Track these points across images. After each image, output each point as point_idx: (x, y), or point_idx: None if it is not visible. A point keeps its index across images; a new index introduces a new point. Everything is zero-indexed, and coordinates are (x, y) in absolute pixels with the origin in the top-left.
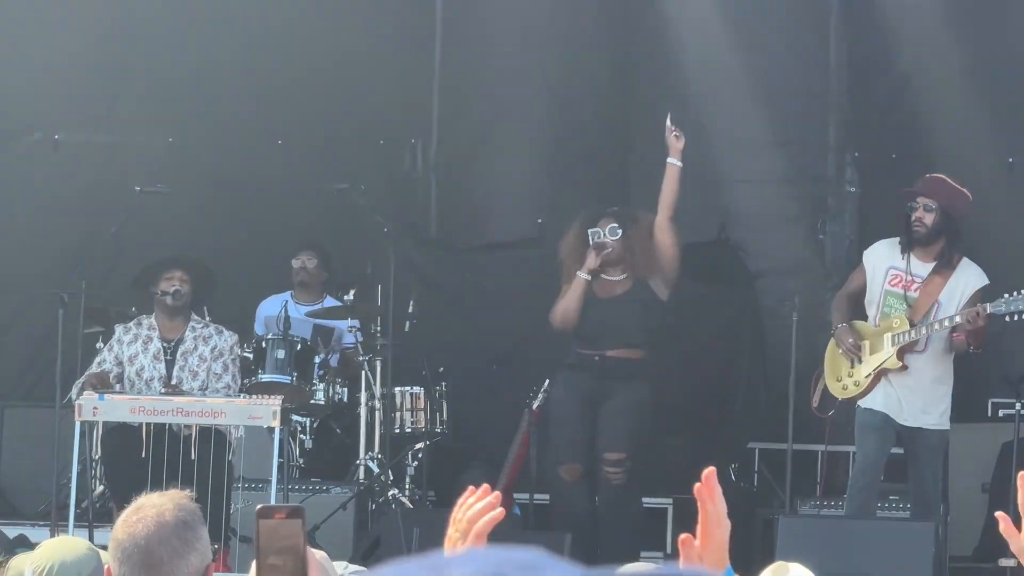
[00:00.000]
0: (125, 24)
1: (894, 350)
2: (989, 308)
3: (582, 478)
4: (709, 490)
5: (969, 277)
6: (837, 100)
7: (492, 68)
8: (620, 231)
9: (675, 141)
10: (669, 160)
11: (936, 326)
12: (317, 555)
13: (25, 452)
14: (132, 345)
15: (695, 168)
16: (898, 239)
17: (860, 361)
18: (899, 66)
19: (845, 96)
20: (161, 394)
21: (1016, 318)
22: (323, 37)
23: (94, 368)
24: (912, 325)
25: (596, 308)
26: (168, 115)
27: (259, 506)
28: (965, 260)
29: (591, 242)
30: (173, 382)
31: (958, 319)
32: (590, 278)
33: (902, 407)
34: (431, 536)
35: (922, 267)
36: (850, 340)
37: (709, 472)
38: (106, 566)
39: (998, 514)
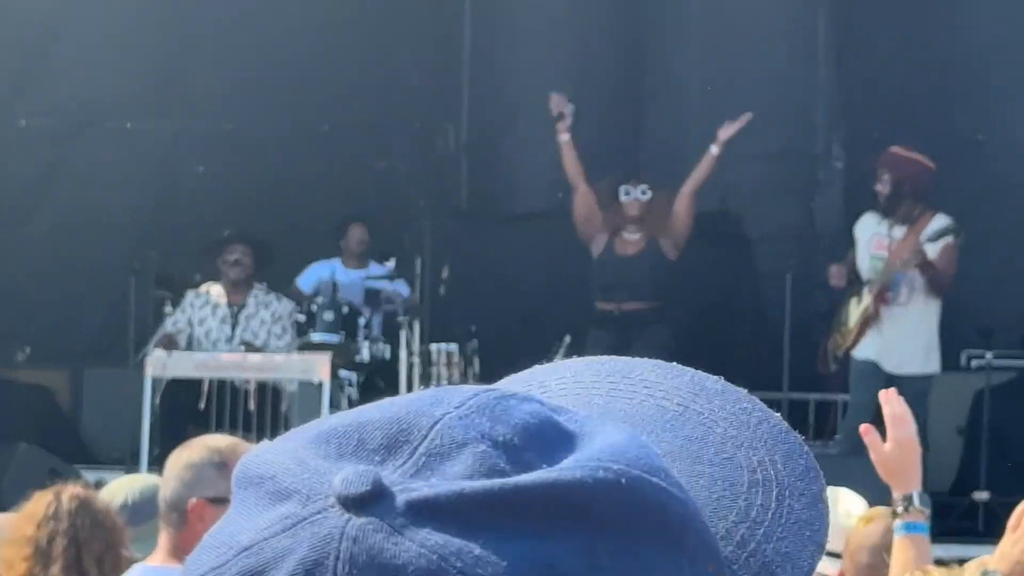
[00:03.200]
0: (186, 22)
1: (871, 297)
2: (922, 236)
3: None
4: (888, 395)
5: (933, 225)
6: (825, 83)
7: (516, 56)
8: (650, 193)
9: (723, 132)
10: (712, 146)
11: (898, 265)
12: None
13: (103, 408)
14: (202, 309)
15: (699, 145)
16: (878, 209)
17: (852, 313)
18: (883, 49)
19: (832, 79)
20: (240, 349)
21: (944, 237)
22: (363, 30)
23: (169, 327)
24: (887, 271)
25: (613, 264)
26: (227, 103)
27: None
28: (938, 215)
29: (620, 198)
30: (236, 342)
31: (906, 255)
32: (568, 138)
33: (889, 356)
34: None
35: (899, 230)
36: (852, 298)
37: (891, 390)
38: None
39: (863, 427)
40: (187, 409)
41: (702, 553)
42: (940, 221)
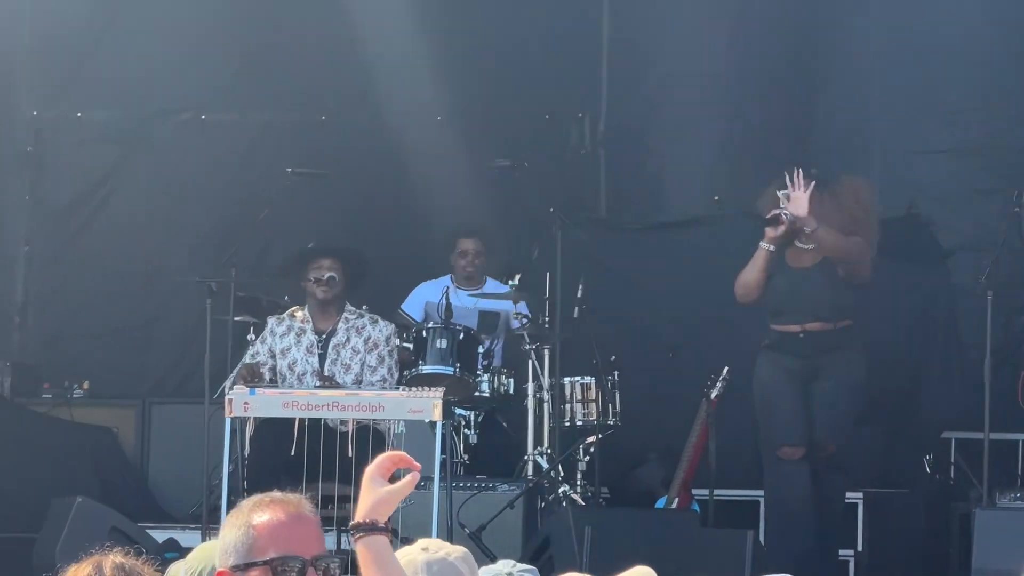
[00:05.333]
0: (273, 1)
1: None
2: None
3: (803, 460)
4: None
5: None
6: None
7: (663, 37)
8: (821, 192)
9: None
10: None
11: None
12: (456, 552)
13: (174, 451)
14: (285, 337)
15: (882, 139)
16: None
17: None
18: None
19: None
20: (315, 387)
21: None
22: (482, 8)
23: (247, 359)
24: None
25: (787, 278)
26: (320, 91)
27: None
28: None
29: (780, 205)
30: (326, 374)
31: None
32: (772, 248)
33: None
34: (603, 535)
35: None
36: None
37: None
38: None
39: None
40: (275, 456)
41: None
42: None
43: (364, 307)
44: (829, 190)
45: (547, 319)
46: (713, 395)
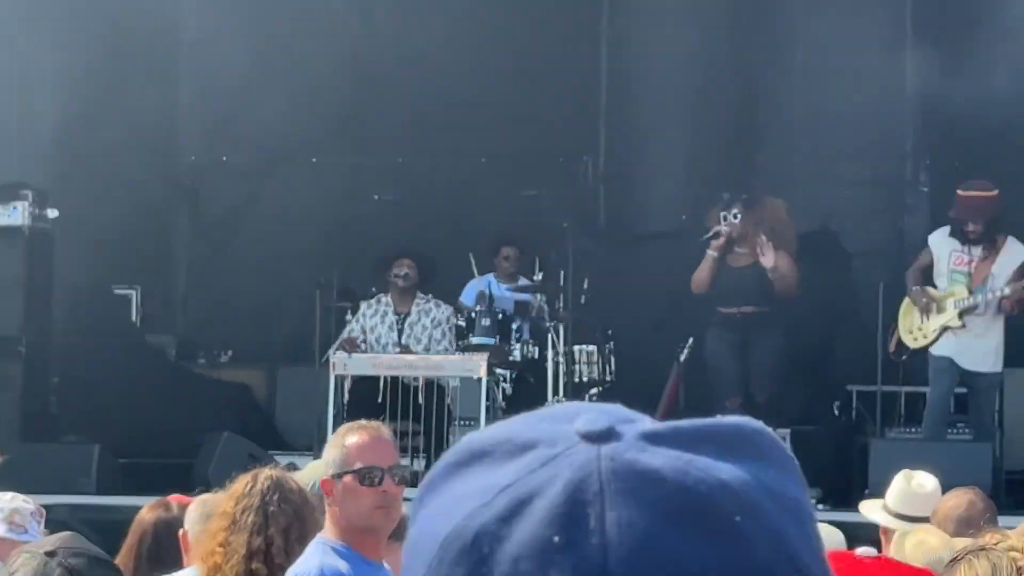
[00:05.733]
0: (363, 71)
1: (956, 312)
2: (1013, 282)
3: (742, 407)
4: None
5: (1012, 254)
6: (912, 117)
7: (647, 94)
8: (739, 216)
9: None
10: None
11: (990, 295)
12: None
13: (294, 402)
14: (373, 317)
15: (805, 170)
16: (949, 228)
17: (928, 318)
18: (963, 91)
19: (919, 113)
20: (396, 353)
21: None
22: (516, 78)
23: (345, 334)
24: (971, 294)
25: (728, 275)
26: (398, 140)
27: None
28: (1009, 239)
29: (720, 223)
30: (403, 343)
31: (1007, 291)
32: (716, 255)
33: (965, 356)
34: None
35: (977, 250)
36: (924, 300)
37: None
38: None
39: None
40: (366, 402)
41: (805, 489)
42: (1016, 248)
43: (430, 295)
44: (756, 208)
45: (561, 304)
46: (682, 358)
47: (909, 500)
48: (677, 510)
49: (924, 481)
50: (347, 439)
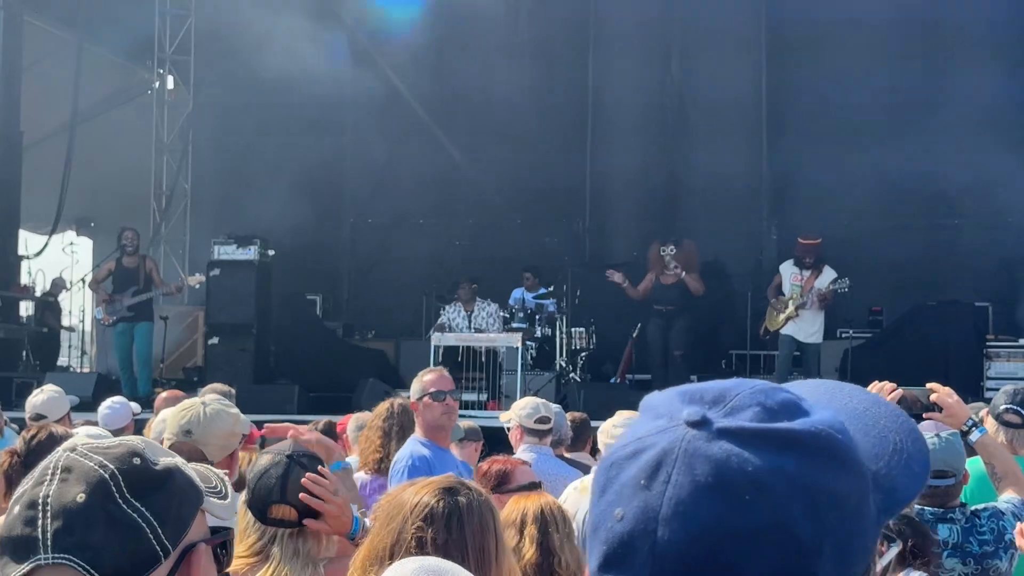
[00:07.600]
0: (446, 156)
1: (794, 307)
2: (825, 288)
3: (680, 359)
4: (936, 387)
5: (826, 275)
6: (767, 195)
7: (615, 180)
8: (675, 250)
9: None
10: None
11: (814, 297)
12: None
13: (411, 361)
14: (453, 313)
15: (707, 222)
16: (793, 260)
17: (781, 313)
18: (803, 177)
19: (769, 178)
20: (467, 333)
21: (841, 290)
22: (529, 156)
23: (438, 322)
24: (802, 297)
25: (660, 288)
26: (471, 205)
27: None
28: (826, 267)
29: (660, 253)
30: (473, 327)
31: (822, 293)
32: (653, 276)
33: (800, 333)
34: (587, 392)
35: (807, 273)
36: (779, 305)
37: (937, 385)
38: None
39: (931, 385)
40: (450, 361)
41: (866, 481)
42: (828, 272)
43: (488, 299)
44: (682, 247)
45: (563, 305)
46: (634, 335)
47: None
48: (710, 484)
49: None
50: (424, 377)
